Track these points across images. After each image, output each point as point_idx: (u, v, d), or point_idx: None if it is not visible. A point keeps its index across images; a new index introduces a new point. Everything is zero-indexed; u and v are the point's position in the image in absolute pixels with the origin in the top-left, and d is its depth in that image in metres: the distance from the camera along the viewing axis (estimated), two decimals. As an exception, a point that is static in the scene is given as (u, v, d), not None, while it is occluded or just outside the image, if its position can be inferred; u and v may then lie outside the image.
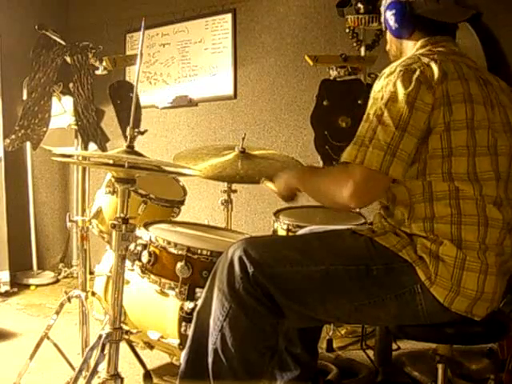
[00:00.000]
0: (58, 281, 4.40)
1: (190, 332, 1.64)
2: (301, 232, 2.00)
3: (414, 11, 1.61)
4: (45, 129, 2.25)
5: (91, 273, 2.43)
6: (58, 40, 2.25)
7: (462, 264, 1.44)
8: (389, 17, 1.65)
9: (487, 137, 1.50)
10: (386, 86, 1.48)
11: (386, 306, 1.50)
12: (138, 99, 2.36)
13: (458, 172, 1.47)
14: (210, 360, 1.54)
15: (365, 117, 1.49)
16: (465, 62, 1.56)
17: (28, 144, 3.58)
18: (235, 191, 2.76)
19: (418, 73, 1.46)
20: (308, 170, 1.82)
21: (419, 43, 1.63)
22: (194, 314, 1.64)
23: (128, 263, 1.97)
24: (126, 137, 1.70)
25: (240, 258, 1.51)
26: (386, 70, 1.52)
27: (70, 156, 1.86)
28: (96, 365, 1.64)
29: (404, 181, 1.50)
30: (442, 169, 1.47)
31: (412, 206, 1.50)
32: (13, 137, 2.22)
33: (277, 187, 1.85)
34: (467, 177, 1.47)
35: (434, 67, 1.48)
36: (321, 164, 2.96)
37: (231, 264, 1.52)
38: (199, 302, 1.65)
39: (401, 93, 1.45)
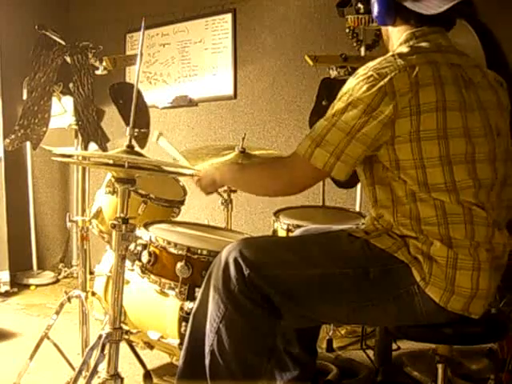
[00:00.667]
0: (58, 281, 4.40)
1: (186, 333, 1.64)
2: (297, 232, 2.00)
3: None
4: (45, 129, 2.25)
5: (91, 273, 2.43)
6: (58, 40, 2.25)
7: (454, 263, 1.44)
8: (373, 3, 1.62)
9: (464, 145, 1.47)
10: (352, 88, 1.49)
11: (384, 308, 1.50)
12: (143, 99, 2.37)
13: (434, 183, 1.46)
14: (207, 361, 1.53)
15: (326, 114, 1.53)
16: (448, 60, 1.52)
17: (28, 144, 3.58)
18: (235, 191, 2.75)
19: (386, 80, 1.44)
20: (237, 166, 1.91)
21: (404, 36, 1.59)
22: (191, 316, 1.64)
23: (128, 263, 1.97)
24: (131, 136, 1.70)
25: (235, 260, 1.51)
26: (360, 70, 1.52)
27: (70, 156, 1.85)
28: (96, 365, 1.64)
29: (388, 183, 1.51)
30: (417, 179, 1.47)
31: (397, 207, 1.50)
32: (12, 136, 2.22)
33: (200, 181, 1.90)
34: (445, 187, 1.46)
35: (406, 75, 1.45)
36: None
37: (226, 265, 1.52)
38: (195, 304, 1.64)
39: (362, 100, 1.46)
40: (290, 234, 2.31)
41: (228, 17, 4.02)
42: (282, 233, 2.44)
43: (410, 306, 1.48)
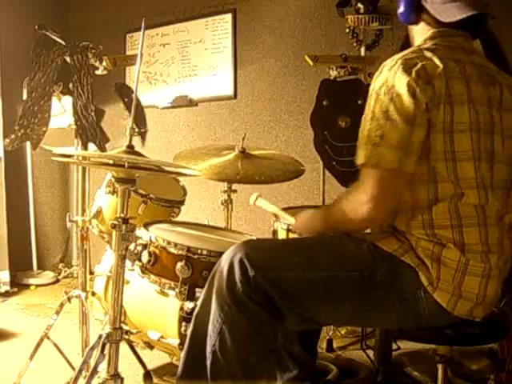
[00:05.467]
0: (58, 281, 4.40)
1: (188, 333, 1.63)
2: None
3: (421, 1, 1.58)
4: (44, 128, 2.25)
5: (91, 273, 2.43)
6: (58, 40, 2.25)
7: (465, 268, 1.43)
8: (400, 1, 1.63)
9: (489, 142, 1.48)
10: (387, 80, 1.45)
11: (388, 311, 1.49)
12: (137, 99, 2.36)
13: (464, 178, 1.44)
14: (208, 362, 1.52)
15: (370, 114, 1.46)
16: (471, 60, 1.53)
17: (28, 144, 3.58)
18: (235, 191, 2.75)
19: (418, 66, 1.43)
20: (325, 209, 1.76)
21: (429, 33, 1.59)
22: (193, 317, 1.63)
23: (128, 263, 1.97)
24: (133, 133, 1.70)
25: (241, 261, 1.49)
26: (388, 62, 1.49)
27: (70, 156, 1.86)
28: (96, 365, 1.64)
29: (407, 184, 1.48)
30: (447, 172, 1.44)
31: (413, 210, 1.47)
32: (12, 136, 2.22)
33: (300, 230, 1.81)
34: (475, 182, 1.45)
35: (437, 62, 1.45)
36: (320, 164, 2.96)
37: (231, 266, 1.50)
38: (198, 305, 1.63)
39: (402, 86, 1.42)
40: (291, 235, 2.30)
41: (228, 17, 4.02)
42: (282, 233, 2.43)
43: (414, 310, 1.47)
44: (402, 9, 1.63)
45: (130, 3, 4.45)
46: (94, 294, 2.32)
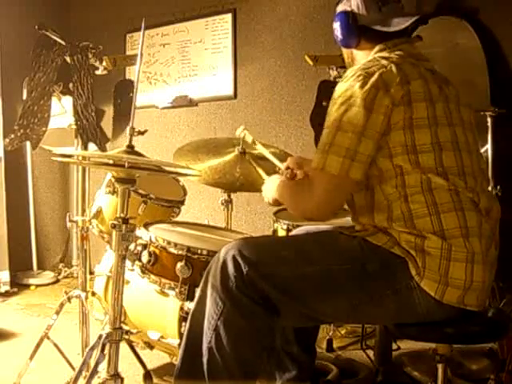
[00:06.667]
0: (58, 281, 4.40)
1: (184, 331, 1.64)
2: (297, 231, 2.01)
3: (358, 22, 1.67)
4: (44, 128, 2.25)
5: (91, 273, 2.43)
6: (58, 40, 2.25)
7: (449, 254, 1.46)
8: (335, 28, 1.72)
9: (449, 133, 1.55)
10: (345, 90, 1.53)
11: (384, 303, 1.51)
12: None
13: (425, 166, 1.51)
14: (205, 359, 1.54)
15: (327, 122, 1.55)
16: (422, 65, 1.61)
17: (28, 144, 3.58)
18: (235, 191, 2.75)
19: (376, 76, 1.51)
20: (282, 186, 1.82)
21: (377, 47, 1.67)
22: (189, 315, 1.64)
23: (128, 263, 1.97)
24: (115, 137, 1.69)
25: (234, 257, 1.51)
26: (348, 73, 1.58)
27: (70, 156, 1.85)
28: (96, 365, 1.64)
29: (376, 183, 1.54)
30: (409, 162, 1.51)
31: (389, 206, 1.52)
32: (12, 136, 2.22)
33: (266, 198, 1.90)
34: (436, 171, 1.51)
35: (394, 70, 1.53)
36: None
37: (224, 263, 1.53)
38: (193, 303, 1.65)
39: (358, 97, 1.50)
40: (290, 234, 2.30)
41: (228, 17, 4.02)
42: (282, 233, 2.44)
43: (409, 301, 1.49)
44: (340, 36, 1.71)
45: (129, 3, 4.44)
46: (94, 293, 2.32)
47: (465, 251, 1.47)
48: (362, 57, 1.71)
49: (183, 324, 1.92)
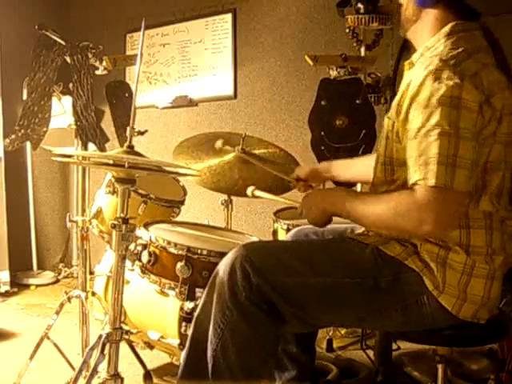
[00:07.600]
0: (58, 281, 4.40)
1: (189, 335, 1.62)
2: (294, 231, 1.98)
3: None
4: (45, 129, 2.25)
5: (91, 273, 2.43)
6: (58, 40, 2.25)
7: (471, 270, 1.43)
8: None
9: (502, 151, 1.45)
10: (451, 90, 1.32)
11: (391, 317, 1.49)
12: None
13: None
14: (209, 366, 1.51)
15: (427, 126, 1.32)
16: (492, 63, 1.46)
17: (28, 144, 3.57)
18: (235, 195, 2.74)
19: (481, 76, 1.36)
20: (349, 195, 1.56)
21: (447, 27, 1.46)
22: (193, 319, 1.62)
23: (128, 263, 1.97)
24: (119, 137, 1.69)
25: (242, 265, 1.47)
26: (431, 67, 1.37)
27: (70, 156, 1.85)
28: (96, 365, 1.64)
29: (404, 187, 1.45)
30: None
31: None
32: (13, 136, 2.22)
33: (307, 215, 1.65)
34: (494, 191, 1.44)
35: (492, 70, 1.41)
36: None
37: (233, 270, 1.48)
38: (198, 307, 1.62)
39: (472, 100, 1.33)
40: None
41: (228, 17, 4.02)
42: (281, 233, 2.43)
43: (417, 315, 1.47)
44: None
45: (129, 3, 4.44)
46: (94, 293, 2.32)
47: (487, 268, 1.43)
48: (430, 24, 1.49)
49: (183, 324, 1.92)
